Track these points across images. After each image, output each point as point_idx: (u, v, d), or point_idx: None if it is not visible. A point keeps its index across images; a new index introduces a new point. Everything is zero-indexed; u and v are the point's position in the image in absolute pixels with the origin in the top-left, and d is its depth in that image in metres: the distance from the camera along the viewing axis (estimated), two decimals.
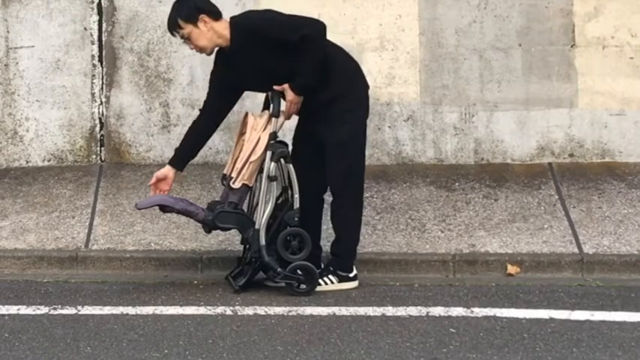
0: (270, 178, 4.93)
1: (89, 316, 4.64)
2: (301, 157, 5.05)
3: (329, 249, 5.16)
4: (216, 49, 5.01)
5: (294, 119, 5.12)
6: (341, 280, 5.03)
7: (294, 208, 4.95)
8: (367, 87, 5.12)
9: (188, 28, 4.93)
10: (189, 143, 5.16)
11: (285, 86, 4.90)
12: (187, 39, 4.97)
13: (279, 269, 4.87)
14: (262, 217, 4.92)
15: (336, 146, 4.94)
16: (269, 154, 4.93)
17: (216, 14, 4.96)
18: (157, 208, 5.06)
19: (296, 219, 4.93)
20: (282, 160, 4.95)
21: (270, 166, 4.92)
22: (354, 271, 5.09)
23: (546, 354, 4.06)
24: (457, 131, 6.53)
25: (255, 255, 4.92)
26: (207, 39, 4.94)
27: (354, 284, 5.06)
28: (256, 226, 4.93)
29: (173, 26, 4.99)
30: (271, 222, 4.96)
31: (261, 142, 4.94)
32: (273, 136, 4.95)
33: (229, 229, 5.07)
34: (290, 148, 5.05)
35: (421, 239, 5.67)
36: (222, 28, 4.93)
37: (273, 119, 4.95)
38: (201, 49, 5.00)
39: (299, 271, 4.90)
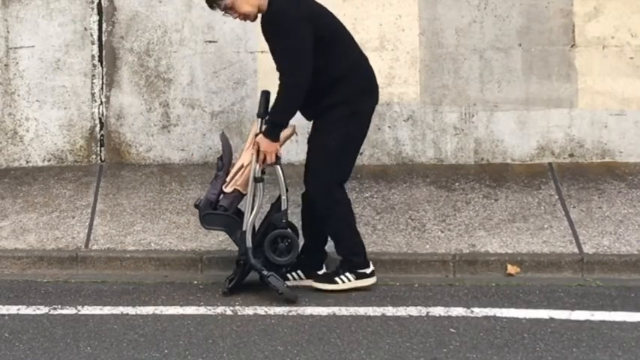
0: (256, 179, 4.90)
1: (89, 316, 4.65)
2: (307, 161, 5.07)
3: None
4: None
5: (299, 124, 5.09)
6: (358, 277, 4.97)
7: (282, 209, 4.92)
8: (375, 102, 5.05)
9: None
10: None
11: (259, 138, 4.85)
12: (230, 8, 4.85)
13: (264, 271, 4.83)
14: (248, 219, 4.90)
15: (319, 143, 4.88)
16: (254, 154, 4.90)
17: None
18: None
19: (283, 220, 4.90)
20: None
21: (256, 167, 4.90)
22: (371, 267, 5.02)
23: (546, 354, 4.07)
24: (457, 131, 6.53)
25: (243, 257, 4.90)
26: (251, 4, 4.84)
27: (372, 280, 4.99)
28: (243, 228, 4.90)
29: None
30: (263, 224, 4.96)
31: (250, 145, 4.93)
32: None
33: (216, 230, 5.06)
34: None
35: (421, 239, 5.67)
36: None
37: (259, 120, 4.93)
38: (245, 16, 4.90)
39: (279, 239, 4.86)
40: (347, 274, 4.96)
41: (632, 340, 4.22)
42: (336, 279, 4.96)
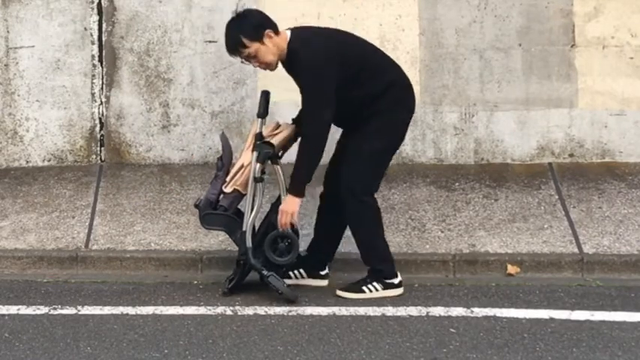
0: (256, 179, 4.88)
1: (89, 316, 4.65)
2: (331, 164, 5.04)
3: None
4: None
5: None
6: (386, 287, 4.91)
7: None
8: (412, 113, 4.99)
9: (254, 47, 4.71)
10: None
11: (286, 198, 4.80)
12: (253, 57, 4.77)
13: (264, 271, 4.82)
14: (248, 219, 4.89)
15: (354, 152, 4.82)
16: (254, 154, 4.87)
17: (276, 27, 4.77)
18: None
19: None
20: (269, 162, 4.91)
21: (256, 167, 4.88)
22: (399, 277, 4.96)
23: (546, 354, 4.07)
24: (457, 131, 6.53)
25: (243, 257, 4.89)
26: (273, 54, 4.75)
27: (399, 291, 4.94)
28: (243, 228, 4.89)
29: (236, 46, 4.74)
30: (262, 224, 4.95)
31: (250, 145, 4.92)
32: (259, 137, 4.88)
33: (216, 230, 5.05)
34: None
35: (421, 239, 5.67)
36: (283, 41, 4.76)
37: (259, 120, 4.91)
38: (267, 65, 4.82)
39: (279, 239, 4.83)
40: (375, 283, 4.90)
41: (632, 340, 4.22)
42: (364, 288, 4.90)
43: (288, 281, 4.95)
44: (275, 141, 4.90)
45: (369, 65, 4.86)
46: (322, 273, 5.11)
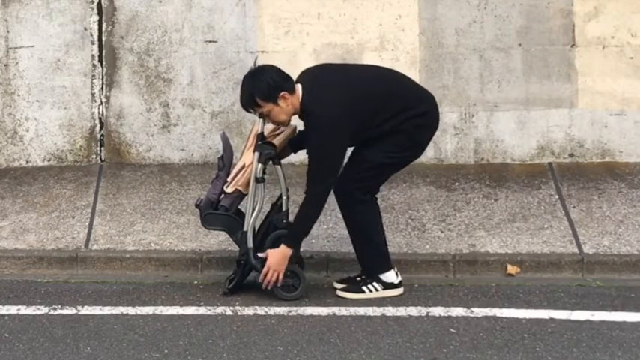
0: (257, 180, 4.87)
1: (89, 316, 4.65)
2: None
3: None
4: None
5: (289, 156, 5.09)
6: (386, 287, 4.89)
7: (283, 210, 4.91)
8: (432, 134, 4.93)
9: (268, 107, 4.66)
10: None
11: (270, 251, 4.76)
12: (266, 116, 4.73)
13: None
14: (249, 220, 4.89)
15: (366, 160, 4.77)
16: (256, 155, 4.85)
17: (293, 87, 4.69)
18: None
19: (284, 221, 4.88)
20: (270, 162, 4.90)
21: (257, 168, 4.87)
22: (399, 277, 4.94)
23: (546, 354, 4.07)
24: (457, 131, 6.53)
25: (243, 257, 4.89)
26: (286, 113, 4.70)
27: (399, 291, 4.91)
28: (244, 229, 4.88)
29: (250, 104, 4.69)
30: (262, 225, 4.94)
31: (251, 145, 4.91)
32: (261, 137, 4.87)
33: (217, 230, 5.05)
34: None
35: (421, 239, 5.67)
36: (297, 99, 4.70)
37: (260, 120, 4.89)
38: (279, 124, 4.82)
39: (287, 272, 4.81)
40: (375, 283, 4.89)
41: (632, 340, 4.22)
42: (364, 288, 4.89)
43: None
44: (276, 141, 4.90)
45: (390, 109, 4.74)
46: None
